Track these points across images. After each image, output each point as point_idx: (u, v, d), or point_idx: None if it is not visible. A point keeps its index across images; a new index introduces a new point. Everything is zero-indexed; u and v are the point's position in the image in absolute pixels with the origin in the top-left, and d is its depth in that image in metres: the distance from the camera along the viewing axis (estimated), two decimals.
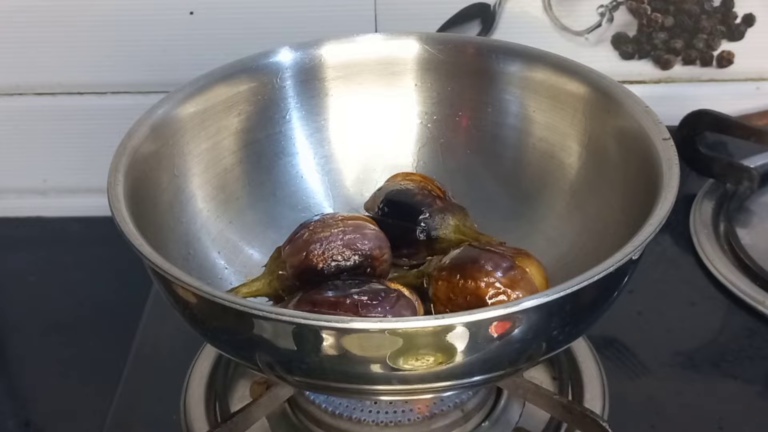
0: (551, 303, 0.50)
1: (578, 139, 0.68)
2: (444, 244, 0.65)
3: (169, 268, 0.53)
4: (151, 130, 0.64)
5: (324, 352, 0.51)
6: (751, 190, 0.86)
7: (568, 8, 0.88)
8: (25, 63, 0.89)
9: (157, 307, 0.77)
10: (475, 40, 0.82)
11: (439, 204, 0.66)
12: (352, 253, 0.61)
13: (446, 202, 0.67)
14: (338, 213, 0.65)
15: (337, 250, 0.61)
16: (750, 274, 0.77)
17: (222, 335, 0.57)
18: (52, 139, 0.92)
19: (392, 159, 0.73)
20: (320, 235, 0.61)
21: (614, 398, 0.67)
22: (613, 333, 0.73)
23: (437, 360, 0.51)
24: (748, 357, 0.72)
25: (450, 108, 0.73)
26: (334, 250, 0.61)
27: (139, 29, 0.87)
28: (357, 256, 0.61)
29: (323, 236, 0.61)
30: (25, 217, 0.95)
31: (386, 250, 0.62)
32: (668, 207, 0.55)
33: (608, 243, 0.58)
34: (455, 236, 0.65)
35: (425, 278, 0.62)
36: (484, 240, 0.64)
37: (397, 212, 0.66)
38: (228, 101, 0.69)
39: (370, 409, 0.63)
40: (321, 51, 0.72)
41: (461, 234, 0.65)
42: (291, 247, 0.61)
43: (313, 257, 0.60)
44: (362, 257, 0.61)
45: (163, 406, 0.69)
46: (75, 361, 0.78)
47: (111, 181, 0.59)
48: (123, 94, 0.90)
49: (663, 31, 0.90)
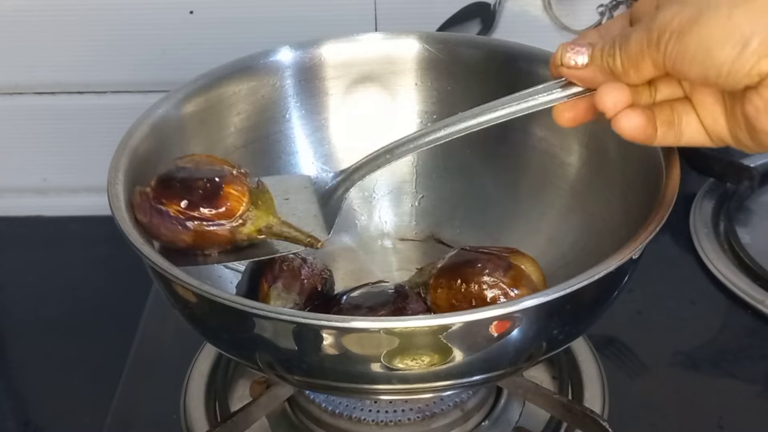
0: (551, 302, 0.50)
1: (578, 139, 0.68)
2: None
3: (170, 268, 0.53)
4: (151, 130, 0.64)
5: (324, 352, 0.51)
6: (752, 190, 0.86)
7: (568, 7, 0.88)
8: (25, 63, 0.89)
9: (157, 307, 0.77)
10: (475, 39, 0.82)
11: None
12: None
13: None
14: None
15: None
16: (750, 273, 0.77)
17: (222, 334, 0.57)
18: (52, 139, 0.92)
19: None
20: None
21: (614, 397, 0.67)
22: (613, 332, 0.73)
23: (438, 359, 0.51)
24: (748, 356, 0.72)
25: (450, 107, 0.73)
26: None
27: (139, 29, 0.87)
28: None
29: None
30: (24, 216, 0.95)
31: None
32: (668, 206, 0.55)
33: (608, 242, 0.59)
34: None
35: (421, 288, 0.61)
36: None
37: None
38: (228, 100, 0.69)
39: (370, 408, 0.63)
40: (321, 50, 0.72)
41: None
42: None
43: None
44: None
45: (163, 405, 0.69)
46: (75, 361, 0.78)
47: (111, 180, 0.59)
48: (123, 94, 0.90)
49: None
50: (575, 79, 0.53)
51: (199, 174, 0.58)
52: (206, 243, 0.58)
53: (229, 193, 0.58)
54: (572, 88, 0.53)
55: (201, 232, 0.57)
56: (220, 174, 0.58)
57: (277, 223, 0.59)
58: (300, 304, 0.61)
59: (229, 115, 0.70)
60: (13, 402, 0.77)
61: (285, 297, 0.61)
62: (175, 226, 0.57)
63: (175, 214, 0.57)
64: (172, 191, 0.57)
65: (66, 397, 0.75)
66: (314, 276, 0.63)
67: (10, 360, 0.81)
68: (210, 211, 0.57)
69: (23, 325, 0.83)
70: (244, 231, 0.58)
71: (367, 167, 0.60)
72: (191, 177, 0.58)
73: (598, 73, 0.51)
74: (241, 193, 0.58)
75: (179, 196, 0.57)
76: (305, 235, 0.59)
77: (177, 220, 0.57)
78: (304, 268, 0.63)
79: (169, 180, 0.58)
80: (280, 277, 0.62)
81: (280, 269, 0.62)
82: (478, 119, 0.56)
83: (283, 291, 0.61)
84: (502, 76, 0.71)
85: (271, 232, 0.59)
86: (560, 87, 0.54)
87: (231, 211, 0.57)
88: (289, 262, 0.62)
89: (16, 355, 0.81)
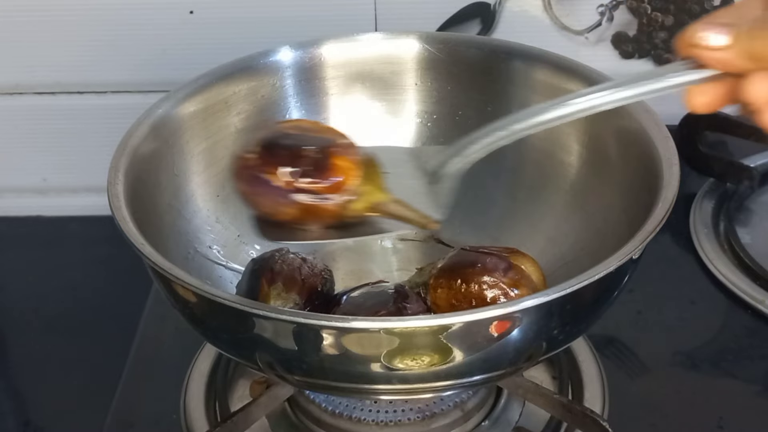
0: (552, 302, 0.50)
1: (578, 139, 0.68)
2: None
3: (170, 268, 0.53)
4: (151, 130, 0.64)
5: (324, 352, 0.51)
6: (752, 189, 0.86)
7: (568, 7, 0.88)
8: (25, 63, 0.89)
9: (157, 307, 0.77)
10: (475, 39, 0.82)
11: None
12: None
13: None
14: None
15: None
16: (750, 273, 0.77)
17: (222, 335, 0.57)
18: (52, 139, 0.92)
19: None
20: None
21: (614, 397, 0.67)
22: (613, 332, 0.73)
23: (438, 359, 0.51)
24: (748, 356, 0.72)
25: (450, 107, 0.73)
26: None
27: (139, 29, 0.87)
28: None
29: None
30: (24, 216, 0.95)
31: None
32: (668, 206, 0.55)
33: (608, 242, 0.58)
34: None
35: (421, 288, 0.61)
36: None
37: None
38: (228, 100, 0.69)
39: (370, 408, 0.63)
40: (321, 50, 0.72)
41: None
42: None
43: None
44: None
45: (163, 405, 0.69)
46: (75, 361, 0.78)
47: (111, 180, 0.59)
48: (123, 94, 0.90)
49: (663, 31, 0.90)
50: (711, 61, 0.47)
51: (307, 141, 0.53)
52: (310, 218, 0.53)
53: (339, 164, 0.52)
54: (702, 71, 0.48)
55: (307, 205, 0.52)
56: (329, 143, 0.53)
57: (388, 200, 0.54)
58: (300, 304, 0.61)
59: (229, 115, 0.70)
60: (13, 402, 0.77)
61: (285, 297, 0.61)
62: (279, 197, 0.52)
63: (279, 185, 0.52)
64: (277, 159, 0.52)
65: (66, 397, 0.75)
66: (314, 276, 0.63)
67: (10, 360, 0.81)
68: (319, 184, 0.52)
69: (23, 325, 0.83)
70: (353, 207, 0.53)
71: (486, 141, 0.53)
72: (298, 144, 0.53)
73: (738, 56, 0.46)
74: (352, 164, 0.53)
75: (286, 165, 0.52)
76: (419, 215, 0.53)
77: (282, 192, 0.52)
78: (304, 268, 0.62)
79: (274, 146, 0.53)
80: (280, 277, 0.62)
81: (280, 269, 0.62)
82: (609, 96, 0.50)
83: (283, 291, 0.61)
84: (502, 76, 0.71)
85: (381, 210, 0.54)
86: (689, 68, 0.48)
87: (341, 185, 0.52)
88: (289, 261, 0.62)
89: (16, 355, 0.81)
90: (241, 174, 0.53)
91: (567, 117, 0.51)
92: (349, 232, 0.54)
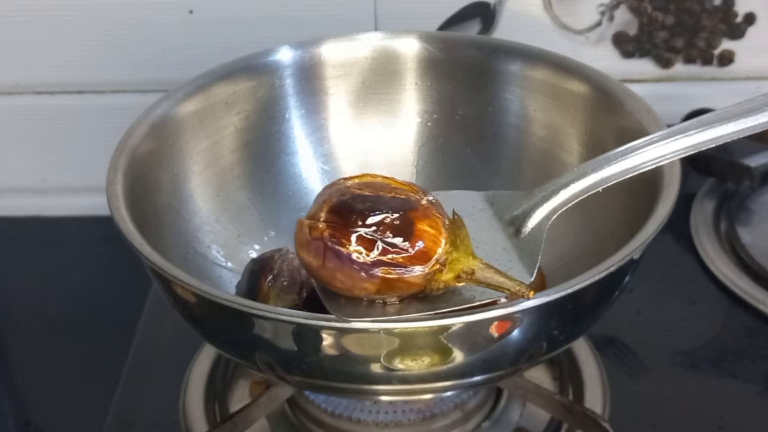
0: (552, 303, 0.50)
1: (579, 139, 0.68)
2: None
3: (169, 268, 0.53)
4: (150, 129, 0.64)
5: (324, 352, 0.51)
6: (752, 189, 0.86)
7: (568, 7, 0.88)
8: (24, 63, 0.89)
9: (157, 307, 0.77)
10: (476, 38, 0.82)
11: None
12: None
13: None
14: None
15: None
16: (751, 273, 0.77)
17: (222, 335, 0.57)
18: (52, 139, 0.92)
19: (392, 158, 0.73)
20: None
21: (615, 398, 0.67)
22: (613, 332, 0.73)
23: (438, 360, 0.51)
24: (749, 356, 0.72)
25: (450, 107, 0.73)
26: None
27: (139, 29, 0.87)
28: None
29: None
30: (24, 216, 0.95)
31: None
32: (669, 206, 0.55)
33: (609, 242, 0.58)
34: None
35: None
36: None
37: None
38: (227, 100, 0.69)
39: (370, 409, 0.63)
40: (321, 50, 0.72)
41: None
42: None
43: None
44: None
45: (162, 406, 0.69)
46: (75, 361, 0.77)
47: (110, 180, 0.59)
48: (123, 94, 0.90)
49: (664, 30, 0.90)
50: None
51: (385, 204, 0.47)
52: (391, 292, 0.47)
53: (423, 230, 0.47)
54: None
55: (389, 279, 0.46)
56: (408, 205, 0.47)
57: (479, 267, 0.48)
58: (300, 304, 0.61)
59: (228, 115, 0.70)
60: (13, 402, 0.77)
61: (285, 297, 0.61)
62: (358, 272, 0.46)
63: (357, 258, 0.46)
64: (353, 227, 0.46)
65: (66, 397, 0.75)
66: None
67: (10, 360, 0.81)
68: (403, 254, 0.46)
69: (23, 325, 0.83)
70: (441, 279, 0.48)
71: (575, 188, 0.49)
72: (376, 209, 0.47)
73: None
74: (436, 229, 0.47)
75: (363, 234, 0.46)
76: (513, 282, 0.47)
77: (361, 266, 0.46)
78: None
79: (347, 212, 0.47)
80: (280, 277, 0.62)
81: (280, 269, 0.62)
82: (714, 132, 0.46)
83: (282, 291, 0.61)
84: (502, 76, 0.71)
85: (471, 278, 0.48)
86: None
87: (427, 254, 0.46)
88: (289, 261, 0.62)
89: (16, 355, 0.81)
90: (309, 245, 0.47)
91: (669, 156, 0.51)
92: (433, 305, 0.48)
